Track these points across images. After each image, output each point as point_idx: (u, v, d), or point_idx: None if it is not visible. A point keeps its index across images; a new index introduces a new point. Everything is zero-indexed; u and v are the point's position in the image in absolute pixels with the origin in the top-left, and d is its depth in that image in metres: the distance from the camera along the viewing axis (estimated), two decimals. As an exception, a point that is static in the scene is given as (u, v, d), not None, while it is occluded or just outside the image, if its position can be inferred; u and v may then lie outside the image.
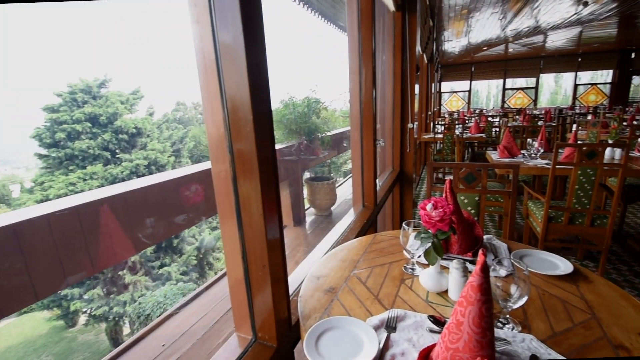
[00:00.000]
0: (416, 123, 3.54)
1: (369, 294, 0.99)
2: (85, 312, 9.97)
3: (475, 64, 13.46)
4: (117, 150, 10.70)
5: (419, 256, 1.13)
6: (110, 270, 9.17)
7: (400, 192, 3.09)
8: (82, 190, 9.48)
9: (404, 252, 1.23)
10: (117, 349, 2.36)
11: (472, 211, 1.81)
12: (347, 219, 1.88)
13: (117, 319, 9.69)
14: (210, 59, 0.73)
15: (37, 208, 1.67)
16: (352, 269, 1.15)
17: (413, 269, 1.12)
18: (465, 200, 1.82)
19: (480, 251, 0.64)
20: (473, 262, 1.17)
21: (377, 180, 2.03)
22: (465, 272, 0.96)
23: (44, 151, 10.10)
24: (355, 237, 1.61)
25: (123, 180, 9.94)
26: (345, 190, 6.69)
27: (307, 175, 5.49)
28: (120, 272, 9.39)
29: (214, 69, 0.73)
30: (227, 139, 0.77)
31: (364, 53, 1.84)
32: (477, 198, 1.81)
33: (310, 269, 1.18)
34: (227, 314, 2.73)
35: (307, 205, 5.06)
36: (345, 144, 5.71)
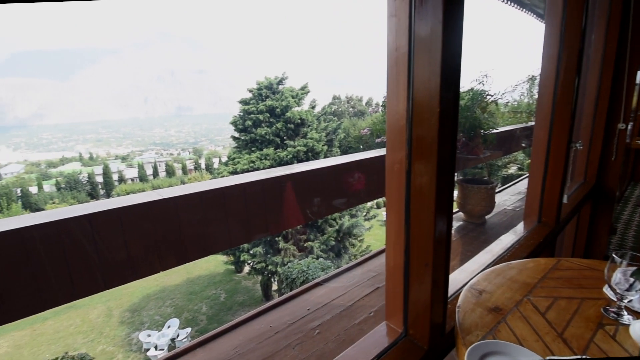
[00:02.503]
0: (631, 123, 2.62)
1: (549, 328, 0.82)
2: (249, 263, 12.46)
3: None
4: (284, 137, 12.68)
5: (630, 300, 0.86)
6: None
7: (592, 211, 2.39)
8: (258, 168, 11.76)
9: (606, 289, 0.96)
10: (275, 300, 2.84)
11: None
12: (514, 234, 1.60)
13: (269, 275, 11.71)
14: (402, 52, 0.74)
15: (232, 179, 2.16)
16: (526, 293, 0.97)
17: (619, 315, 0.86)
18: None
19: None
20: None
21: (563, 193, 1.63)
22: None
23: (236, 134, 13.04)
24: (527, 256, 1.36)
25: (287, 163, 11.72)
26: (503, 198, 5.75)
27: (456, 175, 4.99)
28: (277, 238, 11.23)
29: (404, 62, 0.73)
30: (407, 131, 0.77)
31: (568, 32, 1.47)
32: None
33: (470, 279, 1.07)
34: (362, 300, 2.85)
35: (455, 208, 4.63)
36: (524, 144, 4.81)
